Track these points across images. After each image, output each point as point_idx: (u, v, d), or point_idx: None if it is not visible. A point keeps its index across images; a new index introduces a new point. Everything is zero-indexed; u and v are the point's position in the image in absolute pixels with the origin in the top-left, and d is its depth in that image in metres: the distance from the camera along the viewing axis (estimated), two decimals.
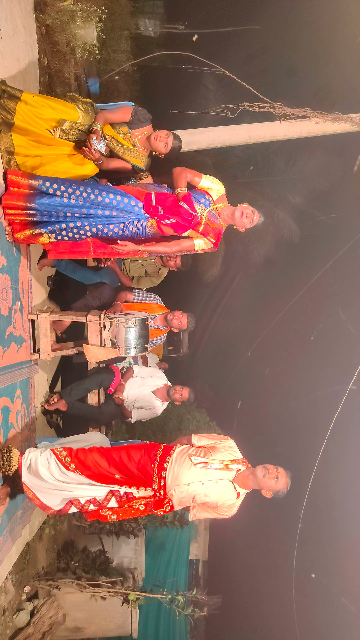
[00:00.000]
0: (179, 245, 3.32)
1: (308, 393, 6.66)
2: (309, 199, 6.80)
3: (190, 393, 4.47)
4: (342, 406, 5.65)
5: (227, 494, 2.85)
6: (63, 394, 4.10)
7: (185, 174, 3.21)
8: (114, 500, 2.90)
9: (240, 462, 2.91)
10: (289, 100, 4.89)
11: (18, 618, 3.66)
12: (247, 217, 3.18)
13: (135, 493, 2.90)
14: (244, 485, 2.86)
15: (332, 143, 5.49)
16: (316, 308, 6.93)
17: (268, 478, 2.77)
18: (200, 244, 3.33)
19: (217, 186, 3.30)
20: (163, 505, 2.87)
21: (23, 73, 3.50)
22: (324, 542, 6.18)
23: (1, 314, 3.08)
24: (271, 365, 7.54)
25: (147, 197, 3.18)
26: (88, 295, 4.07)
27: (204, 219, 3.24)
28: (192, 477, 2.83)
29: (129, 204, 3.16)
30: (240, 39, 6.93)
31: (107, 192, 3.13)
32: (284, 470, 2.84)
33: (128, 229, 3.21)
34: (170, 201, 3.15)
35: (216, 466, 2.85)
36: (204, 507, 2.94)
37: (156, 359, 6.13)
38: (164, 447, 2.99)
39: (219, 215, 3.27)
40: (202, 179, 3.26)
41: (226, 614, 6.07)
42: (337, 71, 5.72)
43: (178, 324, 4.34)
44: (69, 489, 2.88)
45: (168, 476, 2.82)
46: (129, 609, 4.44)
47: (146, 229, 3.22)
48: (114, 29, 5.41)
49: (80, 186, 3.10)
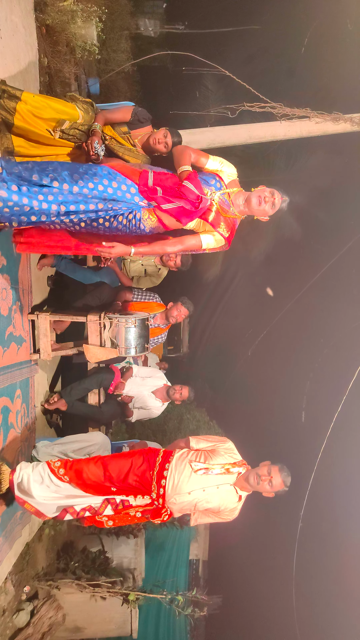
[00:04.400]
0: (182, 243, 2.67)
1: (308, 392, 6.66)
2: (309, 199, 6.79)
3: (190, 392, 4.47)
4: (342, 406, 5.65)
5: (229, 498, 2.77)
6: (63, 393, 4.10)
7: (188, 152, 2.64)
8: (109, 508, 2.84)
9: (240, 465, 2.84)
10: (289, 100, 4.89)
11: (18, 618, 3.65)
12: (266, 202, 2.64)
13: (132, 501, 2.82)
14: (245, 487, 2.79)
15: (332, 143, 5.49)
16: (317, 307, 6.93)
17: (261, 483, 2.71)
18: (208, 241, 2.69)
19: (229, 168, 2.74)
20: (161, 514, 2.79)
21: (23, 73, 3.49)
22: (324, 542, 6.18)
23: (1, 313, 3.07)
24: (271, 365, 7.54)
25: (142, 176, 2.58)
26: (88, 295, 4.07)
27: (214, 204, 2.63)
28: (193, 485, 2.73)
29: (119, 189, 2.51)
30: (240, 39, 6.93)
31: (90, 177, 2.46)
32: (277, 470, 2.73)
33: (118, 221, 2.59)
34: (171, 181, 2.57)
35: (217, 471, 2.76)
36: (205, 513, 2.87)
37: (156, 358, 6.14)
38: (164, 452, 2.90)
39: (232, 203, 2.69)
40: (210, 159, 2.70)
41: (226, 614, 6.07)
42: (337, 71, 5.72)
43: (181, 315, 4.29)
44: (63, 499, 2.83)
45: (168, 485, 2.73)
46: (128, 609, 4.44)
47: (141, 222, 2.60)
48: (114, 29, 5.41)
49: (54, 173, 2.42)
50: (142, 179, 2.55)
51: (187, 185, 2.48)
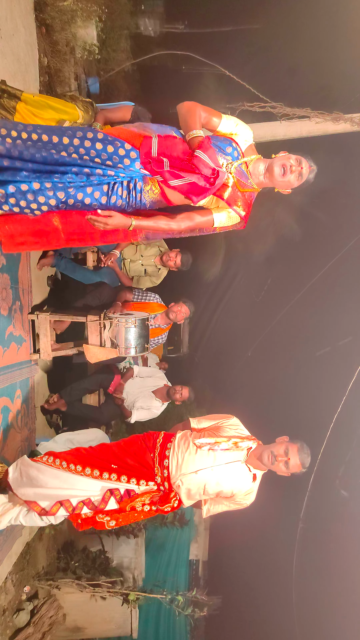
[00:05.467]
0: (191, 220, 2.25)
1: (308, 392, 6.65)
2: (309, 199, 6.78)
3: (190, 392, 4.48)
4: (342, 406, 5.65)
5: (241, 477, 2.49)
6: (63, 394, 4.11)
7: (198, 111, 2.16)
8: (113, 501, 2.48)
9: (250, 439, 2.58)
10: (289, 99, 4.88)
11: (18, 618, 3.66)
12: (292, 171, 2.26)
13: (137, 489, 2.51)
14: (259, 465, 2.51)
15: (332, 143, 5.49)
16: (317, 308, 6.92)
17: (276, 464, 2.45)
18: (221, 219, 2.28)
19: (245, 130, 2.28)
20: (170, 500, 2.49)
21: (23, 73, 3.50)
22: (324, 542, 6.17)
23: (1, 313, 3.08)
24: (271, 365, 7.54)
25: (144, 143, 2.14)
26: (88, 295, 4.07)
27: (231, 178, 2.19)
28: (200, 464, 2.47)
29: (116, 153, 2.09)
30: (240, 39, 6.92)
31: (83, 134, 2.08)
32: (296, 450, 2.45)
33: (115, 193, 2.14)
34: (179, 150, 2.12)
35: (224, 446, 2.49)
36: (217, 500, 2.59)
37: (156, 358, 6.13)
38: (164, 434, 2.68)
39: (250, 175, 2.27)
40: (223, 119, 2.23)
41: (226, 614, 6.06)
42: (338, 71, 5.70)
43: (182, 316, 4.19)
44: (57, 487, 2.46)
45: (172, 465, 2.49)
46: (129, 609, 4.44)
47: (142, 194, 2.18)
48: (114, 29, 5.40)
49: (37, 128, 2.08)
50: (145, 147, 2.12)
51: (201, 157, 2.05)
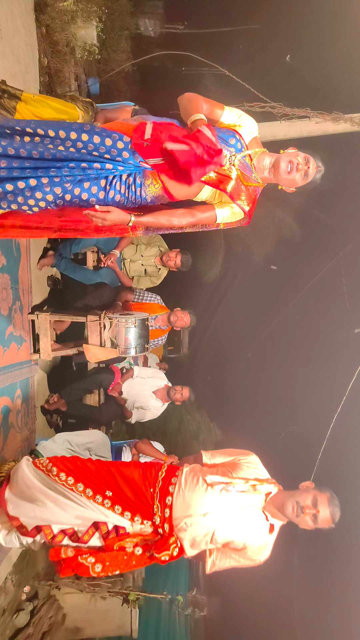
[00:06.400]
0: (193, 215, 2.16)
1: (308, 393, 6.65)
2: (309, 199, 6.79)
3: (190, 393, 4.48)
4: (342, 406, 5.65)
5: (257, 527, 2.13)
6: (63, 393, 4.11)
7: (199, 101, 2.08)
8: (97, 536, 2.11)
9: (270, 482, 2.20)
10: (289, 100, 4.89)
11: (18, 618, 3.65)
12: (298, 169, 2.13)
13: (129, 526, 2.13)
14: (277, 515, 2.13)
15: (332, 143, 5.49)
16: (317, 308, 6.93)
17: (302, 516, 2.07)
18: (224, 215, 2.19)
19: (249, 123, 2.16)
20: (169, 546, 2.08)
21: (23, 73, 3.50)
22: (324, 543, 6.17)
23: (1, 313, 3.08)
24: (272, 366, 7.54)
25: (138, 127, 2.05)
26: (88, 296, 4.08)
27: (234, 169, 2.11)
28: (209, 505, 2.09)
29: (114, 146, 2.01)
30: (240, 39, 6.92)
31: (79, 127, 2.02)
32: (326, 500, 2.07)
33: (114, 188, 2.06)
34: (179, 134, 2.02)
35: (240, 487, 2.12)
36: (225, 552, 2.19)
37: (156, 359, 6.14)
38: (168, 467, 2.30)
39: (254, 168, 2.18)
40: (226, 110, 2.14)
41: (226, 614, 6.06)
42: (338, 71, 5.70)
43: (182, 324, 4.34)
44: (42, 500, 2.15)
45: (175, 504, 2.11)
46: (129, 609, 4.44)
47: (142, 188, 2.08)
48: (114, 29, 5.40)
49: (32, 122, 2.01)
50: (138, 131, 2.02)
51: (204, 132, 1.94)
